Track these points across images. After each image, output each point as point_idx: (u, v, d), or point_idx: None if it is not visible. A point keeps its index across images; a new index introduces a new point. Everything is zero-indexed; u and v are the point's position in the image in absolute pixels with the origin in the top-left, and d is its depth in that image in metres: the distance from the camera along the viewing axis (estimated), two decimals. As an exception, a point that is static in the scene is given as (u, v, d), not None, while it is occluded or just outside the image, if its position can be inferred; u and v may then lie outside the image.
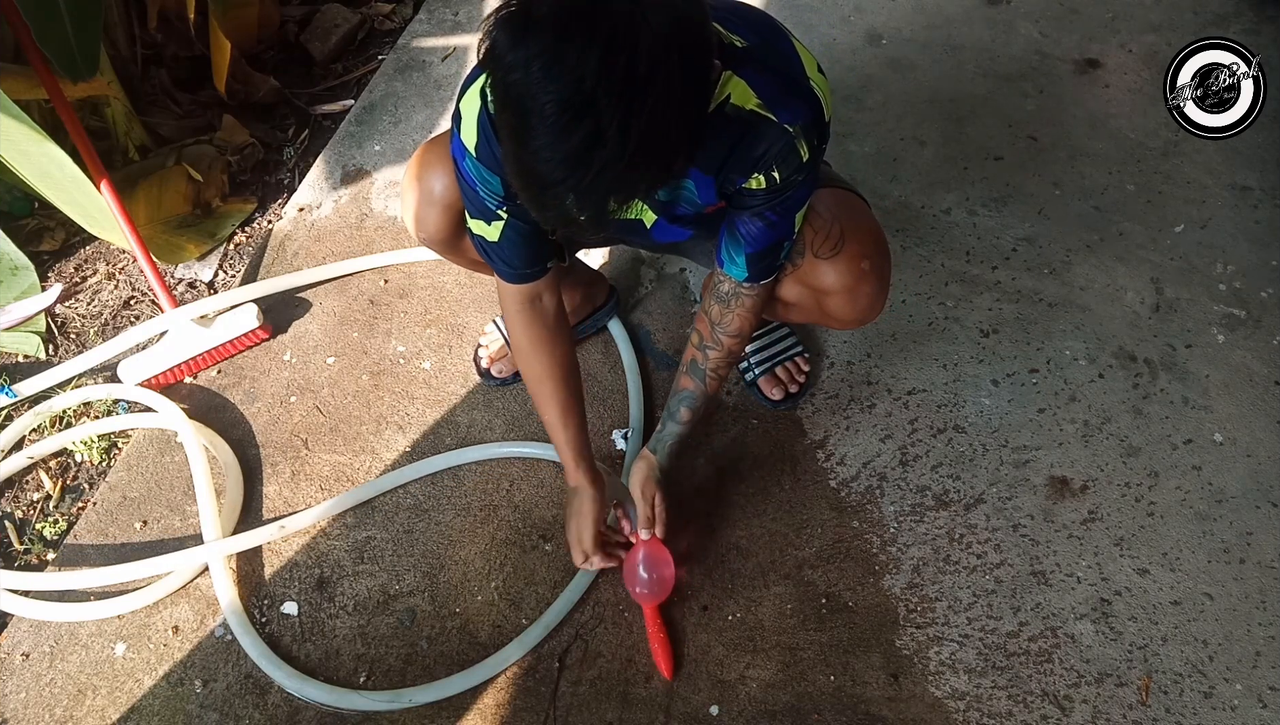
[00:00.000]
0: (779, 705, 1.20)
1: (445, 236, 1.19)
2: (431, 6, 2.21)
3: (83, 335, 1.66)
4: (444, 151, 1.11)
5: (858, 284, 1.10)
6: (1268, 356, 1.50)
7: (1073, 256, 1.64)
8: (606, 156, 0.69)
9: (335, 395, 1.53)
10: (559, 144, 0.69)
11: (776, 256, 1.06)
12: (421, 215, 1.17)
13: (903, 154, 1.81)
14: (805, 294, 1.14)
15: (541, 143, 0.69)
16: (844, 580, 1.30)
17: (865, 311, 1.15)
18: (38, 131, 1.41)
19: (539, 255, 1.08)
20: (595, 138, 0.68)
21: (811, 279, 1.11)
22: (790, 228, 1.03)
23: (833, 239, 1.08)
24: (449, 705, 1.22)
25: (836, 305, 1.13)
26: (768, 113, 0.91)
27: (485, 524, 1.38)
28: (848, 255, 1.09)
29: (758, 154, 0.93)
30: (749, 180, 0.96)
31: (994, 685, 1.21)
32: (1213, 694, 1.19)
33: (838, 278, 1.10)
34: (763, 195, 0.97)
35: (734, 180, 0.97)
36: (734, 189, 0.98)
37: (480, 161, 0.98)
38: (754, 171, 0.95)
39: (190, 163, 1.83)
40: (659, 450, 1.23)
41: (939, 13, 2.08)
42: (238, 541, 1.33)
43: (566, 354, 1.17)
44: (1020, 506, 1.36)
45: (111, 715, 1.23)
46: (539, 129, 0.69)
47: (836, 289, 1.11)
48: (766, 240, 1.03)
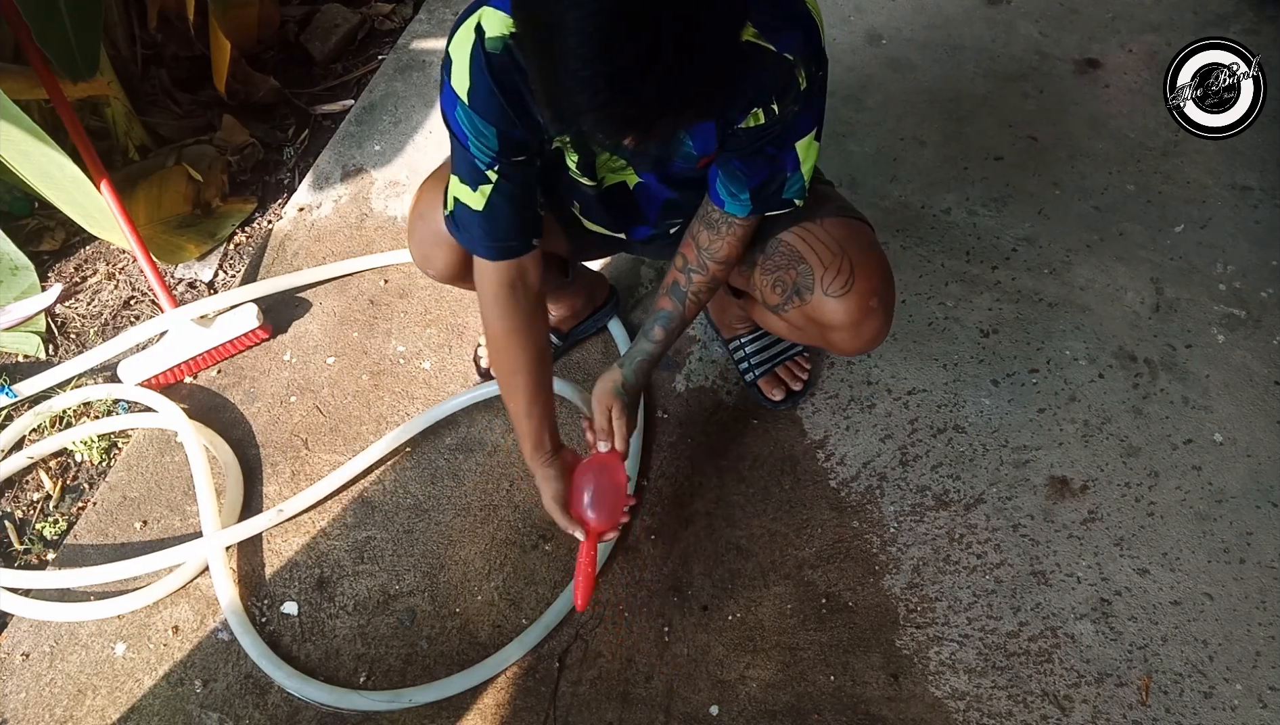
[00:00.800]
0: (779, 705, 1.20)
1: (454, 273, 1.16)
2: (431, 6, 2.21)
3: (83, 335, 1.66)
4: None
5: (864, 320, 1.08)
6: (1268, 356, 1.50)
7: (1073, 256, 1.64)
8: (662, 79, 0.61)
9: (335, 395, 1.53)
10: (606, 58, 0.60)
11: (780, 190, 1.02)
12: (429, 254, 1.14)
13: (903, 154, 1.81)
14: (809, 325, 1.13)
15: (584, 59, 0.60)
16: (844, 580, 1.30)
17: (868, 344, 1.13)
18: (38, 131, 1.41)
19: (524, 226, 1.01)
20: (651, 55, 0.59)
21: (819, 314, 1.09)
22: (793, 159, 0.98)
23: (843, 275, 1.06)
24: (449, 705, 1.22)
25: (839, 339, 1.12)
26: (765, 43, 0.84)
27: (485, 524, 1.38)
28: (857, 292, 1.06)
29: (758, 88, 0.87)
30: (747, 118, 0.90)
31: (994, 685, 1.21)
32: (1213, 694, 1.19)
33: (846, 315, 1.07)
34: (758, 131, 0.92)
35: (734, 119, 0.91)
36: (731, 131, 0.93)
37: (473, 109, 0.89)
38: (753, 107, 0.89)
39: (190, 163, 1.83)
40: (626, 365, 1.14)
41: (939, 13, 2.08)
42: (237, 531, 1.33)
43: (541, 346, 1.10)
44: (1020, 506, 1.36)
45: (111, 715, 1.23)
46: (581, 43, 0.59)
47: (843, 325, 1.08)
48: (766, 173, 0.99)
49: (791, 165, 0.99)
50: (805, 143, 0.98)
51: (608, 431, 1.13)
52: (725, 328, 1.50)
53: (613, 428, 1.13)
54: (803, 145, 0.98)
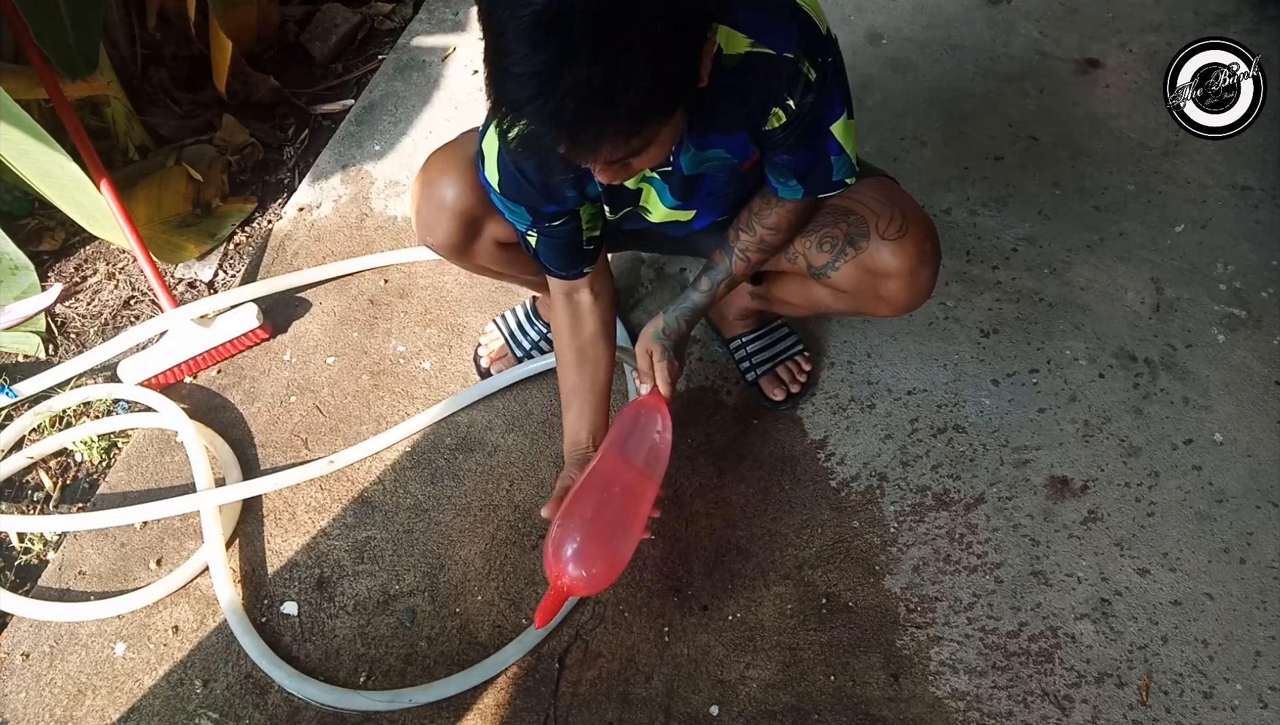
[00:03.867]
0: (779, 705, 1.20)
1: (454, 243, 1.18)
2: (431, 6, 2.21)
3: (83, 335, 1.66)
4: (457, 158, 1.11)
5: (920, 267, 1.10)
6: (1268, 356, 1.50)
7: (1073, 256, 1.64)
8: (576, 77, 0.68)
9: (335, 395, 1.53)
10: (530, 58, 0.68)
11: (828, 173, 1.04)
12: (431, 221, 1.16)
13: (903, 154, 1.81)
14: (863, 278, 1.13)
15: (514, 58, 0.69)
16: (844, 580, 1.30)
17: (921, 296, 1.14)
18: (38, 131, 1.41)
19: (571, 262, 1.14)
20: (566, 55, 0.68)
21: (875, 262, 1.10)
22: (833, 144, 1.01)
23: (897, 221, 1.08)
24: (449, 705, 1.22)
25: (895, 289, 1.12)
26: (762, 49, 0.89)
27: (485, 524, 1.38)
28: (913, 237, 1.08)
29: (768, 92, 0.92)
30: (770, 120, 0.95)
31: (994, 685, 1.21)
32: (1213, 694, 1.19)
33: (904, 260, 1.09)
34: (786, 128, 0.96)
35: (759, 125, 0.96)
36: (762, 134, 0.98)
37: (504, 195, 1.04)
38: (771, 109, 0.94)
39: (190, 162, 1.83)
40: (669, 312, 1.20)
41: (939, 13, 2.08)
42: (287, 476, 1.38)
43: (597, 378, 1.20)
44: (1020, 506, 1.36)
45: (111, 715, 1.23)
46: (513, 42, 0.69)
47: (899, 272, 1.10)
48: (809, 161, 1.02)
49: (834, 149, 1.01)
50: (840, 125, 1.00)
51: (649, 373, 1.19)
52: (726, 327, 1.50)
53: (654, 371, 1.19)
54: (838, 128, 1.00)
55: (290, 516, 1.40)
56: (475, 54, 2.07)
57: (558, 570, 1.04)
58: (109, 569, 1.36)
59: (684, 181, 1.04)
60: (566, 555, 1.04)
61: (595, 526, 1.06)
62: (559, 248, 1.11)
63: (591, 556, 1.05)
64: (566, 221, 1.08)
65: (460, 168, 1.10)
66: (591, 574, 1.05)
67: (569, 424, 1.20)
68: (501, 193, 1.03)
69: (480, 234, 1.17)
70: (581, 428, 1.19)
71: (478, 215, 1.14)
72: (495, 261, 1.24)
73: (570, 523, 1.06)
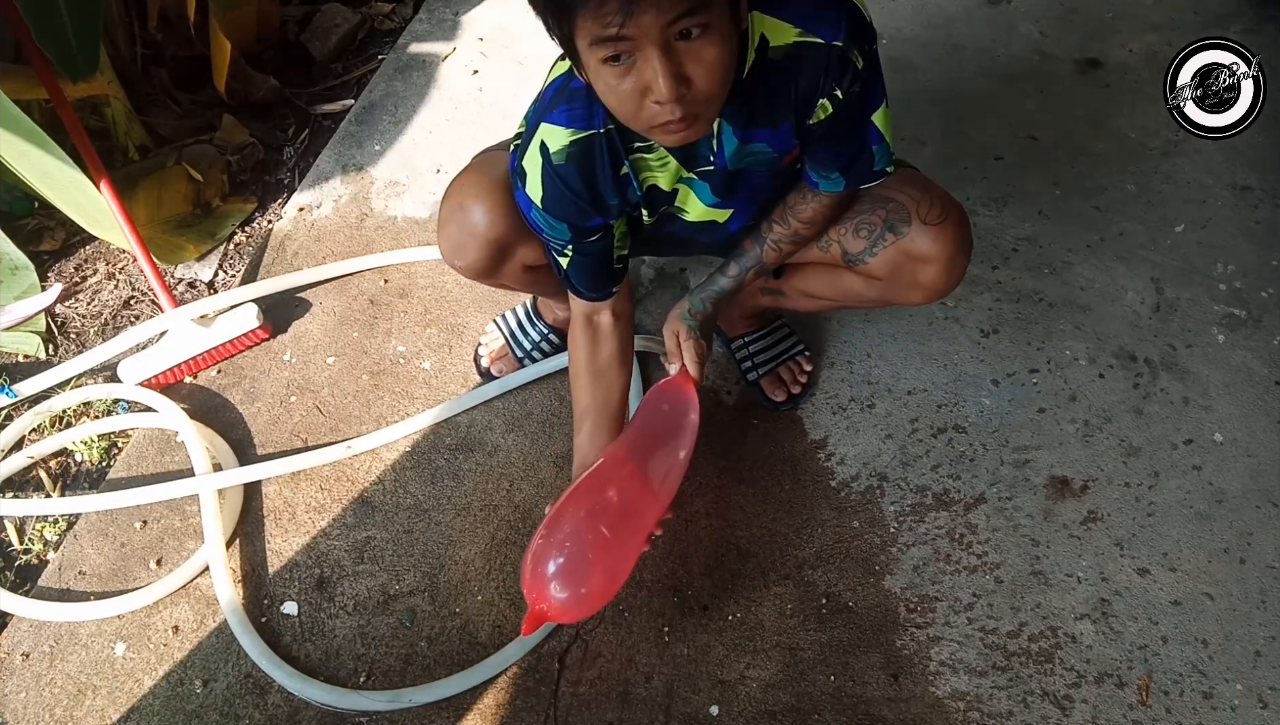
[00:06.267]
0: (779, 705, 1.20)
1: (483, 268, 1.17)
2: (431, 6, 2.21)
3: (83, 335, 1.66)
4: (488, 181, 1.10)
5: (958, 253, 1.10)
6: (1268, 356, 1.50)
7: (1073, 256, 1.64)
8: None
9: (335, 395, 1.53)
10: None
11: (870, 163, 1.03)
12: (461, 244, 1.15)
13: (903, 154, 1.80)
14: (901, 264, 1.12)
15: None
16: (844, 580, 1.30)
17: (955, 281, 1.14)
18: (38, 131, 1.41)
19: (599, 282, 1.15)
20: None
21: (915, 247, 1.10)
22: (874, 132, 1.00)
23: (938, 206, 1.08)
24: (449, 705, 1.22)
25: (933, 274, 1.12)
26: (810, 38, 0.89)
27: (485, 524, 1.38)
28: (953, 221, 1.09)
29: (816, 83, 0.92)
30: (816, 112, 0.95)
31: (994, 685, 1.21)
32: (1213, 694, 1.19)
33: (945, 246, 1.09)
34: (830, 121, 0.96)
35: (806, 116, 0.96)
36: (806, 127, 0.97)
37: (547, 212, 1.03)
38: (819, 100, 0.93)
39: (190, 163, 1.83)
40: (696, 294, 1.19)
41: (939, 12, 2.08)
42: (304, 459, 1.41)
43: (618, 396, 1.21)
44: (1020, 506, 1.36)
45: (111, 715, 1.23)
46: None
47: (939, 256, 1.09)
48: (853, 152, 1.01)
49: (875, 138, 1.01)
50: (880, 114, 1.00)
51: (677, 353, 1.18)
52: (729, 326, 1.50)
53: (681, 351, 1.17)
54: (879, 117, 1.00)
55: (290, 516, 1.40)
56: (475, 54, 2.07)
57: (536, 591, 0.93)
58: (109, 569, 1.37)
59: (726, 177, 1.04)
60: (548, 573, 0.92)
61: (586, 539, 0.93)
62: (590, 267, 1.12)
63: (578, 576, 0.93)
64: (601, 237, 1.09)
65: (495, 194, 1.09)
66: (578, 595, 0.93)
67: (580, 445, 1.20)
68: (544, 209, 1.02)
69: (510, 259, 1.17)
70: (592, 450, 1.18)
71: (509, 241, 1.13)
72: (519, 282, 1.24)
73: (557, 532, 0.94)
